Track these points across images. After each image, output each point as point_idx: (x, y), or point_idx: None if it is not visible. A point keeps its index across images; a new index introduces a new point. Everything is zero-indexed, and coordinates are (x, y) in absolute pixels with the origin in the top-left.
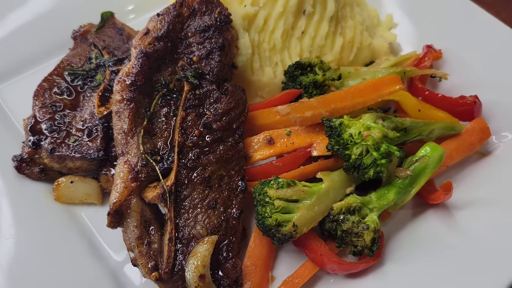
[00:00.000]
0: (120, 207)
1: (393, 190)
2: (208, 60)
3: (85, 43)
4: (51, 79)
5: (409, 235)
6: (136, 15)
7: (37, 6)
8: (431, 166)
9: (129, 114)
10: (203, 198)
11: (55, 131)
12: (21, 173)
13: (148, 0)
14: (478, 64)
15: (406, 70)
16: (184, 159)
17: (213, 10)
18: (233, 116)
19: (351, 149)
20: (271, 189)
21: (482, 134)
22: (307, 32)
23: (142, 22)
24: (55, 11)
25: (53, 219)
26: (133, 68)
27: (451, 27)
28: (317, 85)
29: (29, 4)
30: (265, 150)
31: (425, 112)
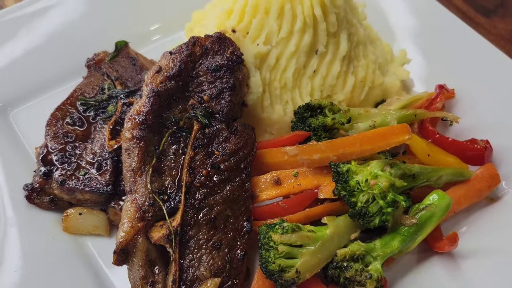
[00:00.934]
0: (126, 246)
1: (398, 238)
2: (219, 99)
3: (98, 72)
4: (64, 109)
5: (412, 282)
6: (161, 36)
7: (52, 31)
8: (438, 215)
9: (138, 152)
10: (208, 239)
11: (66, 163)
12: (32, 203)
13: (174, 19)
14: (491, 106)
15: (417, 113)
16: (191, 199)
17: (225, 49)
18: (241, 156)
19: (357, 197)
20: (275, 234)
21: (491, 181)
22: (318, 71)
23: (167, 43)
24: (71, 36)
25: (61, 249)
26: (144, 106)
27: (466, 66)
28: (326, 128)
29: (44, 29)
30: (272, 191)
31: (434, 157)
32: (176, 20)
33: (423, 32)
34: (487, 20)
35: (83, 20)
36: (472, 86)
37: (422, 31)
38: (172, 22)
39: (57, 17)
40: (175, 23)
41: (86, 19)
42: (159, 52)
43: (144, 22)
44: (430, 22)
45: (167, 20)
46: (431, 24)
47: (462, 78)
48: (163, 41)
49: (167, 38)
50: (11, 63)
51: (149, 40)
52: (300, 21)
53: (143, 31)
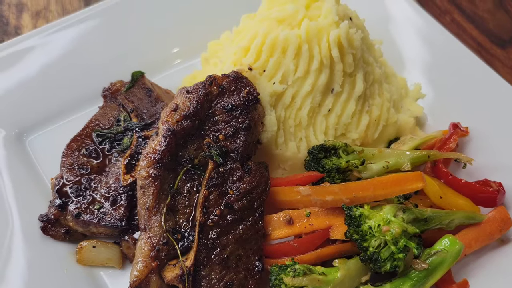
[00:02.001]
0: (140, 285)
1: (408, 283)
2: (234, 139)
3: (114, 103)
4: (80, 139)
5: None
6: (182, 60)
7: (69, 57)
8: (449, 260)
9: (153, 191)
10: (221, 278)
11: (81, 196)
12: (47, 234)
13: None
14: (505, 146)
15: (430, 154)
16: (204, 239)
17: (242, 89)
18: (255, 195)
19: (369, 241)
20: (287, 277)
21: (503, 224)
22: (333, 110)
23: (188, 68)
24: (88, 62)
25: (75, 281)
26: (160, 145)
27: (480, 103)
28: (340, 171)
29: (62, 55)
30: (284, 230)
31: (446, 199)
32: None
33: (438, 66)
34: (503, 51)
35: (100, 46)
36: (486, 124)
37: (437, 65)
38: (190, 48)
39: (74, 43)
40: (194, 48)
41: (104, 45)
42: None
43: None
44: (445, 57)
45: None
46: (446, 58)
47: (476, 116)
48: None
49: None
50: (27, 89)
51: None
52: (317, 61)
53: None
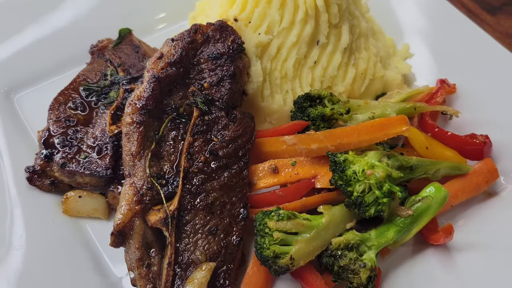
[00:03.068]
0: (123, 228)
1: (393, 229)
2: (219, 87)
3: (101, 59)
4: (67, 93)
5: (406, 274)
6: (167, 24)
7: (57, 18)
8: (434, 207)
9: (138, 137)
10: (205, 224)
11: (67, 146)
12: (32, 185)
13: (180, 8)
14: (492, 103)
15: (417, 106)
16: (188, 185)
17: (226, 38)
18: (240, 144)
19: (353, 186)
20: (271, 221)
21: (489, 176)
22: (319, 62)
23: (173, 31)
24: (76, 23)
25: (60, 231)
26: (145, 92)
27: (469, 62)
28: (325, 119)
29: (50, 16)
30: (269, 179)
31: (432, 150)
32: (181, 10)
33: (427, 28)
34: (493, 17)
35: (89, 8)
36: (474, 82)
37: (427, 26)
38: (177, 12)
39: (63, 5)
40: (180, 12)
41: (92, 8)
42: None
43: (150, 11)
44: (435, 18)
45: (172, 10)
46: (436, 20)
47: (464, 74)
48: (168, 30)
49: (172, 27)
50: (16, 49)
51: (154, 29)
52: (302, 12)
53: (148, 20)
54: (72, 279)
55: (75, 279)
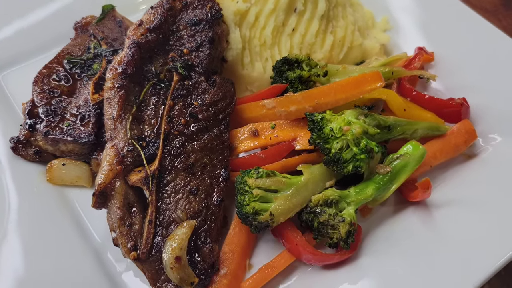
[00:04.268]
0: (105, 189)
1: (372, 186)
2: (198, 52)
3: (85, 34)
4: (51, 67)
5: (387, 231)
6: (147, 6)
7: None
8: (412, 164)
9: (119, 100)
10: (185, 184)
11: (51, 115)
12: (17, 154)
13: None
14: (469, 69)
15: (394, 70)
16: (169, 146)
17: (204, 4)
18: (220, 107)
19: (331, 143)
20: (250, 178)
21: (467, 136)
22: (297, 30)
23: None
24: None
25: (44, 199)
26: (125, 57)
27: (445, 31)
28: (303, 81)
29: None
30: (250, 142)
31: (410, 111)
32: None
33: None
34: None
35: None
36: (450, 50)
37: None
38: None
39: None
40: None
41: None
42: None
43: None
44: None
45: None
46: None
47: (441, 44)
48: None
49: None
50: (2, 27)
51: (137, 10)
52: None
53: (131, 1)
54: (56, 244)
55: (59, 243)
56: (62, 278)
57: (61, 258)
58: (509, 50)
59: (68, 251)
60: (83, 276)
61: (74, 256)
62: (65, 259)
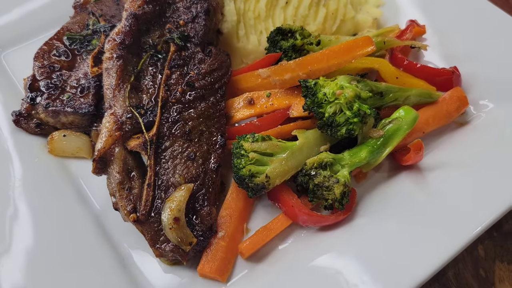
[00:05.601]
0: (105, 155)
1: (366, 149)
2: (194, 23)
3: (84, 12)
4: (51, 43)
5: (381, 194)
6: None
7: None
8: (404, 128)
9: (117, 70)
10: (183, 150)
11: (51, 89)
12: (19, 127)
13: None
14: (459, 39)
15: (386, 40)
16: (166, 113)
17: None
18: (216, 77)
19: (325, 108)
20: (246, 142)
21: (459, 103)
22: (290, 2)
23: None
24: None
25: (46, 169)
26: (123, 28)
27: (436, 4)
28: (296, 49)
29: None
30: (246, 110)
31: (402, 79)
32: None
33: None
34: None
35: None
36: (442, 22)
37: None
38: None
39: None
40: None
41: None
42: None
43: None
44: None
45: None
46: None
47: (433, 17)
48: None
49: None
50: (2, 8)
51: None
52: None
53: None
54: (59, 212)
55: (61, 211)
56: (65, 244)
57: (64, 225)
58: (497, 19)
59: (70, 218)
60: (85, 242)
61: (76, 222)
62: (67, 225)
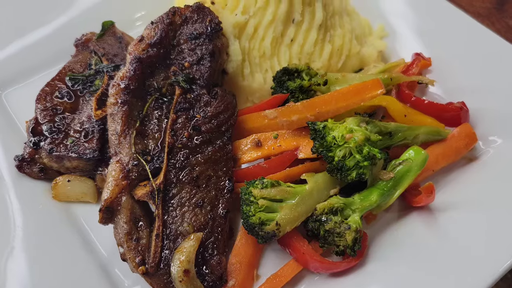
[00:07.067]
0: (111, 204)
1: (376, 192)
2: (199, 65)
3: (86, 51)
4: (53, 84)
5: (392, 237)
6: (142, 22)
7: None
8: (415, 169)
9: (122, 116)
10: (191, 197)
11: (55, 133)
12: (22, 172)
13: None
14: (466, 72)
15: (393, 76)
16: (173, 159)
17: (204, 18)
18: (222, 119)
19: (334, 151)
20: (255, 189)
21: (468, 140)
22: (296, 40)
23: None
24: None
25: (51, 216)
26: (127, 72)
27: (441, 36)
28: (304, 90)
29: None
30: (253, 153)
31: (411, 117)
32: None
33: (401, 8)
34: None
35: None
36: (448, 55)
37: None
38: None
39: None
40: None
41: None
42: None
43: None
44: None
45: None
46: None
47: (438, 49)
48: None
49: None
50: (2, 46)
51: (133, 26)
52: None
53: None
54: (64, 260)
55: (66, 260)
56: None
57: (69, 275)
58: (504, 52)
59: (75, 267)
60: None
61: (82, 272)
62: (73, 275)
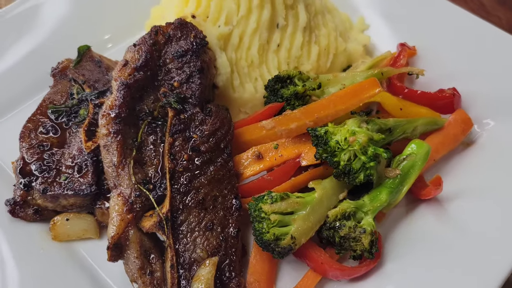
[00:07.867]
0: (119, 240)
1: (385, 191)
2: (189, 84)
3: (65, 79)
4: (35, 119)
5: (404, 233)
6: (113, 44)
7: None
8: (419, 163)
9: (117, 146)
10: (200, 220)
11: (45, 171)
12: (16, 217)
13: (124, 28)
14: (451, 58)
15: (384, 71)
16: (176, 185)
17: (188, 34)
18: (220, 136)
19: (339, 156)
20: (265, 204)
21: (464, 125)
22: (282, 45)
23: (120, 50)
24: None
25: (53, 258)
26: (116, 100)
27: (422, 23)
28: (299, 96)
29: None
30: (255, 166)
31: (406, 110)
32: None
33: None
34: None
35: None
36: (431, 41)
37: None
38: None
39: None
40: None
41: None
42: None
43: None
44: None
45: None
46: None
47: (421, 36)
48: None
49: (120, 45)
50: None
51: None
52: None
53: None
54: None
55: None
56: None
57: None
58: (487, 33)
59: None
60: None
61: None
62: None
